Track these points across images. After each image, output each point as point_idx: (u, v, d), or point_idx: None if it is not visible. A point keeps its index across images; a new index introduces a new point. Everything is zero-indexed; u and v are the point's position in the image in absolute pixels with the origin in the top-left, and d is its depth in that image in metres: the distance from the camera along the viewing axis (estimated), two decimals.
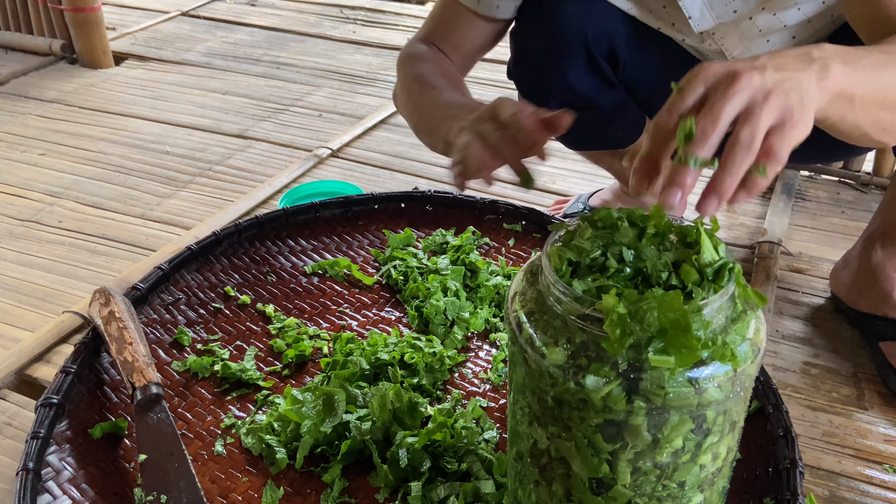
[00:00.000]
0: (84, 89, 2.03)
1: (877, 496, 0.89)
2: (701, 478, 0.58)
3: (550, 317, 0.56)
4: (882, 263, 1.08)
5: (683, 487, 0.58)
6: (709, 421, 0.55)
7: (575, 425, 0.55)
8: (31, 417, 0.93)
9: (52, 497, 0.78)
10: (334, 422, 0.83)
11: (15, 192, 1.51)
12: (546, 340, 0.55)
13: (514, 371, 0.61)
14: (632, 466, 0.56)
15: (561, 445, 0.57)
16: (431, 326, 1.01)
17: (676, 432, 0.54)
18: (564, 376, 0.53)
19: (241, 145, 1.72)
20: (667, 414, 0.53)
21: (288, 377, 0.96)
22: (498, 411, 0.91)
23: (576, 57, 1.00)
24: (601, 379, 0.52)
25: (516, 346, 0.58)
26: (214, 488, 0.81)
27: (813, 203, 1.50)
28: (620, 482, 0.57)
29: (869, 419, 0.99)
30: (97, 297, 0.99)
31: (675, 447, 0.55)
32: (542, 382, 0.56)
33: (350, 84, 2.08)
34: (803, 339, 1.13)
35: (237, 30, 2.50)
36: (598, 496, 0.58)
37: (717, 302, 0.53)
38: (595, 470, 0.56)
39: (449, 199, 1.31)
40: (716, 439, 0.57)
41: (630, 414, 0.53)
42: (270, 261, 1.17)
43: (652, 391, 0.51)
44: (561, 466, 0.59)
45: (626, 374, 0.52)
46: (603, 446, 0.55)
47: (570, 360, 0.53)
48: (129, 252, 1.32)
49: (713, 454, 0.58)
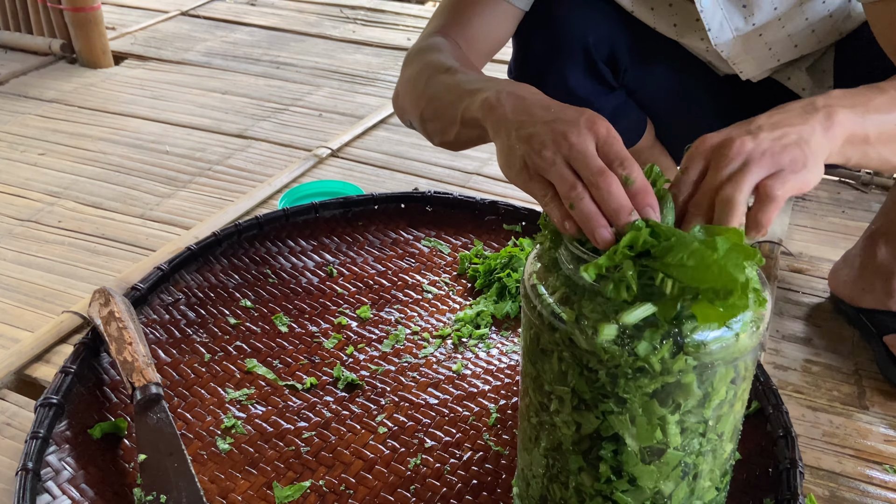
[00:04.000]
0: (84, 89, 2.03)
1: (877, 496, 0.89)
2: (735, 426, 0.63)
3: (588, 296, 0.57)
4: (886, 260, 1.09)
5: (722, 438, 0.62)
6: (741, 368, 0.59)
7: (630, 396, 0.57)
8: (30, 417, 0.93)
9: (51, 497, 0.78)
10: None
11: (15, 192, 1.51)
12: (594, 319, 0.56)
13: (547, 362, 0.62)
14: (681, 427, 0.59)
15: (614, 421, 0.59)
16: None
17: (722, 383, 0.58)
18: (621, 349, 0.55)
19: (241, 145, 1.72)
20: (713, 367, 0.56)
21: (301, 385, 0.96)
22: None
23: (576, 60, 1.00)
24: (651, 344, 0.54)
25: (557, 333, 0.58)
26: (214, 488, 0.81)
27: (813, 203, 1.50)
28: (672, 445, 0.59)
29: (869, 419, 0.99)
30: (97, 297, 0.99)
31: (721, 398, 0.58)
32: (593, 362, 0.57)
33: (350, 84, 2.08)
34: (803, 338, 1.13)
35: (237, 29, 2.50)
36: (649, 465, 0.60)
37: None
38: (650, 438, 0.58)
39: (449, 200, 1.31)
40: (746, 385, 0.61)
41: (683, 373, 0.55)
42: (270, 261, 1.17)
43: (699, 347, 0.55)
44: (610, 444, 0.60)
45: (675, 334, 0.55)
46: (658, 411, 0.57)
47: (622, 332, 0.55)
48: (129, 252, 1.32)
49: (742, 401, 0.62)
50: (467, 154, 1.66)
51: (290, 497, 0.80)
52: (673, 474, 0.61)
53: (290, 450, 0.86)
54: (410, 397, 0.94)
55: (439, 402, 0.94)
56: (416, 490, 0.82)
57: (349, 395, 0.94)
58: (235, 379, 0.96)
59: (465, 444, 0.88)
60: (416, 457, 0.86)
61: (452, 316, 1.08)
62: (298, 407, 0.92)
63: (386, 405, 0.93)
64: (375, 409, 0.92)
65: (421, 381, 0.97)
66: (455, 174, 1.58)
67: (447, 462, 0.86)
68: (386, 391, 0.95)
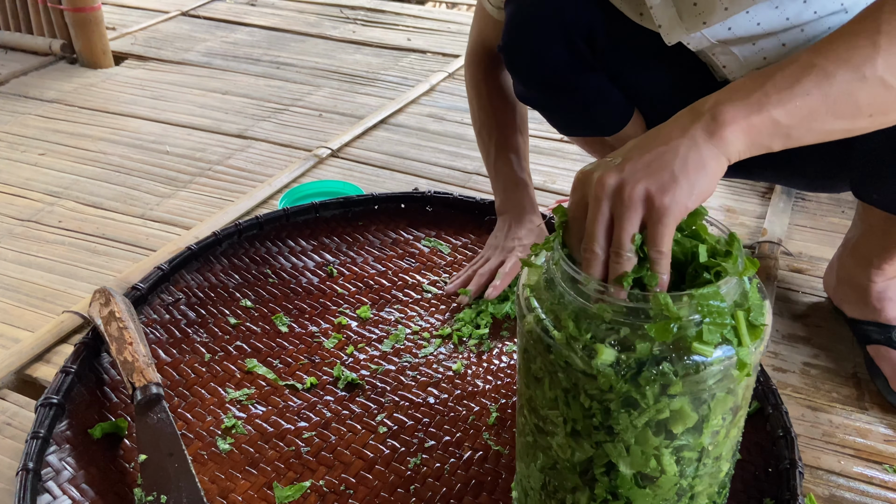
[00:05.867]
0: (84, 89, 2.03)
1: (877, 496, 0.89)
2: (732, 448, 0.63)
3: (582, 317, 0.56)
4: (856, 272, 1.10)
5: (720, 460, 0.61)
6: (739, 394, 0.58)
7: (623, 428, 0.56)
8: (31, 417, 0.93)
9: (51, 497, 0.78)
10: None
11: (15, 192, 1.51)
12: (587, 341, 0.55)
13: (539, 388, 0.61)
14: (676, 456, 0.58)
15: (609, 449, 0.58)
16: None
17: (720, 408, 0.57)
18: (616, 375, 0.54)
19: (241, 145, 1.72)
20: (709, 394, 0.55)
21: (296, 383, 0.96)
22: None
23: (554, 34, 1.01)
24: (649, 371, 0.53)
25: (551, 354, 0.57)
26: (214, 488, 0.81)
27: (813, 203, 1.50)
28: (669, 473, 0.58)
29: (869, 419, 0.99)
30: (97, 296, 0.99)
31: (716, 427, 0.58)
32: (589, 385, 0.56)
33: (350, 84, 2.08)
34: (803, 339, 1.13)
35: (237, 30, 2.50)
36: (644, 489, 0.59)
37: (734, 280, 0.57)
38: (644, 466, 0.58)
39: (449, 200, 1.31)
40: (743, 413, 0.61)
41: (678, 398, 0.55)
42: (270, 261, 1.17)
43: (695, 372, 0.54)
44: (604, 468, 0.60)
45: (672, 359, 0.54)
46: (652, 441, 0.57)
47: (620, 356, 0.54)
48: (129, 252, 1.32)
49: (739, 428, 0.62)
50: (467, 154, 1.66)
51: (291, 497, 0.80)
52: (668, 497, 0.61)
53: (290, 450, 0.86)
54: (410, 397, 0.94)
55: (439, 402, 0.94)
56: (416, 490, 0.82)
57: (349, 394, 0.94)
58: (236, 379, 0.96)
59: (465, 443, 0.88)
60: (416, 456, 0.86)
61: (452, 316, 1.08)
62: (298, 407, 0.92)
63: (386, 405, 0.93)
64: (375, 408, 0.92)
65: (421, 380, 0.97)
66: (455, 174, 1.58)
67: (447, 462, 0.86)
68: (386, 391, 0.95)
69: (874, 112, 0.62)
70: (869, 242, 1.06)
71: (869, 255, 1.06)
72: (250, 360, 0.98)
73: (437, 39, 2.43)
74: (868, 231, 1.06)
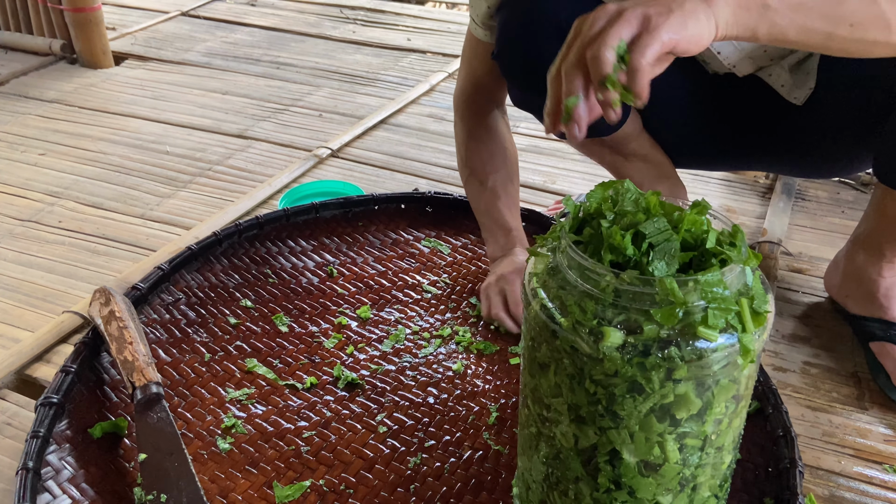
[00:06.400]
0: (84, 89, 2.03)
1: (877, 496, 0.89)
2: (735, 439, 0.63)
3: (588, 301, 0.56)
4: (865, 266, 1.09)
5: (722, 450, 0.62)
6: (742, 383, 0.58)
7: (627, 413, 0.57)
8: (30, 417, 0.93)
9: (51, 496, 0.78)
10: None
11: (15, 192, 1.51)
12: (593, 325, 0.55)
13: (544, 376, 0.61)
14: (679, 443, 0.58)
15: (612, 436, 0.59)
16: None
17: (722, 396, 0.57)
18: (622, 358, 0.55)
19: (241, 145, 1.72)
20: (713, 380, 0.56)
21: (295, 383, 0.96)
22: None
23: (549, 34, 1.01)
24: (655, 355, 0.54)
25: (557, 340, 0.58)
26: (214, 488, 0.81)
27: (813, 203, 1.50)
28: (671, 461, 0.59)
29: (869, 419, 0.99)
30: (97, 296, 0.99)
31: (718, 415, 0.58)
32: (595, 370, 0.56)
33: (350, 84, 2.08)
34: (803, 338, 1.13)
35: (237, 30, 2.50)
36: (647, 477, 0.60)
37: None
38: (647, 454, 0.58)
39: (449, 201, 1.31)
40: (745, 402, 0.61)
41: (682, 384, 0.55)
42: (270, 261, 1.17)
43: (699, 357, 0.54)
44: (608, 456, 0.60)
45: (677, 343, 0.54)
46: (656, 427, 0.57)
47: (627, 339, 0.55)
48: (129, 252, 1.32)
49: (741, 417, 0.62)
50: None
51: (291, 496, 0.80)
52: (671, 486, 0.61)
53: (290, 449, 0.86)
54: (410, 397, 0.94)
55: (439, 402, 0.94)
56: (416, 489, 0.82)
57: (349, 394, 0.94)
58: (236, 378, 0.96)
59: (465, 443, 0.88)
60: (416, 456, 0.86)
61: (452, 316, 1.08)
62: (298, 406, 0.92)
63: (386, 404, 0.93)
64: (375, 408, 0.93)
65: (421, 380, 0.97)
66: (455, 174, 1.58)
67: (447, 461, 0.86)
68: (386, 391, 0.95)
69: (855, 22, 0.65)
70: (884, 234, 1.05)
71: (882, 248, 1.06)
72: (250, 360, 0.98)
73: (437, 39, 2.43)
74: (883, 221, 1.05)
